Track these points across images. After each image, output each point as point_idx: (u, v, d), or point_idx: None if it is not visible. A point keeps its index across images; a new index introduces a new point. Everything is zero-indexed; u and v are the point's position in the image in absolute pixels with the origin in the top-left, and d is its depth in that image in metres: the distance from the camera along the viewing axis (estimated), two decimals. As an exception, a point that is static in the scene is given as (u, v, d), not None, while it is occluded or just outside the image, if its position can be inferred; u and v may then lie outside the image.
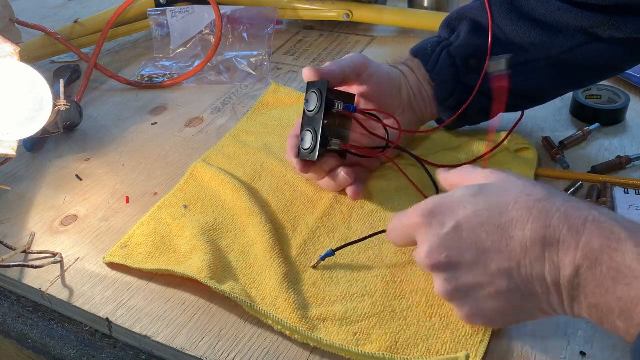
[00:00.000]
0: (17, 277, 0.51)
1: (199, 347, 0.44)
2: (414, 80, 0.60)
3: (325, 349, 0.42)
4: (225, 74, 0.83)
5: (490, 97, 0.56)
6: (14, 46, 0.58)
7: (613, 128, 0.66)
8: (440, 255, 0.38)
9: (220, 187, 0.59)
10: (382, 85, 0.57)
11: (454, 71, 0.58)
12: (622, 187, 0.55)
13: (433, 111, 0.61)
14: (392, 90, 0.58)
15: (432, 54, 0.59)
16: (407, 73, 0.60)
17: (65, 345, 0.48)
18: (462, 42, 0.58)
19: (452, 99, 0.59)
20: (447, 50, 0.59)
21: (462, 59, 0.58)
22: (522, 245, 0.35)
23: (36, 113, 0.57)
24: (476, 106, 0.59)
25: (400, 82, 0.59)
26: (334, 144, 0.53)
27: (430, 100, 0.60)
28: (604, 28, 0.55)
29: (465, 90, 0.59)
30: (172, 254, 0.52)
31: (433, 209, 0.40)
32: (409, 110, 0.60)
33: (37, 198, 0.61)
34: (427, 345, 0.42)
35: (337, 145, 0.54)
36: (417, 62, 0.61)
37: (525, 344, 0.42)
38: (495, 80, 0.52)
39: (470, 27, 0.59)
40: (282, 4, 0.93)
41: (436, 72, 0.59)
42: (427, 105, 0.61)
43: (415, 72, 0.60)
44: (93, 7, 1.13)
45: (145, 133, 0.72)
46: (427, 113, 0.61)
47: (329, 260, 0.50)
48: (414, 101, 0.60)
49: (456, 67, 0.58)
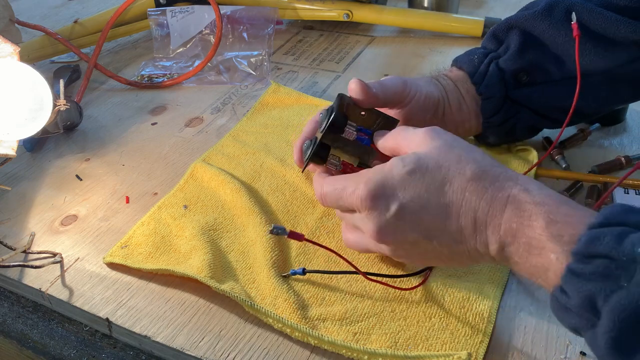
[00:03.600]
0: (17, 277, 0.51)
1: (199, 347, 0.44)
2: (455, 94, 0.57)
3: (326, 346, 0.42)
4: (225, 74, 0.83)
5: (539, 113, 0.56)
6: (14, 46, 0.58)
7: (613, 128, 0.66)
8: (387, 236, 0.42)
9: (220, 187, 0.59)
10: (416, 112, 0.54)
11: (502, 86, 0.56)
12: (622, 187, 0.55)
13: (472, 126, 0.58)
14: (426, 114, 0.55)
15: (480, 65, 0.57)
16: (449, 87, 0.57)
17: (65, 345, 0.48)
18: (512, 55, 0.56)
19: (499, 115, 0.57)
20: (496, 62, 0.56)
21: (512, 73, 0.56)
22: (457, 226, 0.40)
23: (36, 113, 0.57)
24: (524, 124, 0.58)
25: (438, 104, 0.56)
26: (331, 164, 0.49)
27: (470, 115, 0.57)
28: None
29: (512, 105, 0.57)
30: (172, 253, 0.52)
31: (375, 192, 0.41)
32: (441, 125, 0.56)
33: (37, 198, 0.61)
34: (426, 345, 0.42)
35: (334, 165, 0.49)
36: (463, 74, 0.58)
37: (525, 344, 0.42)
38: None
39: (521, 39, 0.56)
40: (282, 4, 0.93)
41: (484, 85, 0.56)
42: (466, 120, 0.58)
43: (458, 86, 0.57)
44: (93, 7, 1.13)
45: (145, 133, 0.72)
46: (464, 128, 0.58)
47: (329, 260, 0.50)
48: (450, 122, 0.57)
49: (505, 81, 0.56)
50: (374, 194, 0.41)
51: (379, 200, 0.41)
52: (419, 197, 0.40)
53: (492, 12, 0.99)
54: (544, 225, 0.36)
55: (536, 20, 0.55)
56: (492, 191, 0.39)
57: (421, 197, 0.40)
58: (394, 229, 0.42)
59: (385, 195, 0.41)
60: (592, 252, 0.32)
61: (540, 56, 0.56)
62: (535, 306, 0.45)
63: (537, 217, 0.36)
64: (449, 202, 0.40)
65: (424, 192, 0.40)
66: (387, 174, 0.41)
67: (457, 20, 0.92)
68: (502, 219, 0.38)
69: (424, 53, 0.87)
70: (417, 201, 0.40)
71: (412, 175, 0.41)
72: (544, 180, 0.58)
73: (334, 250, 0.47)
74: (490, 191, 0.39)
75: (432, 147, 0.42)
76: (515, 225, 0.37)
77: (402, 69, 0.83)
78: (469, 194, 0.39)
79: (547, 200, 0.37)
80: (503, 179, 0.39)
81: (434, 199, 0.40)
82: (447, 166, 0.40)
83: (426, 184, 0.40)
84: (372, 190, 0.41)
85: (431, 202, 0.40)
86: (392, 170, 0.41)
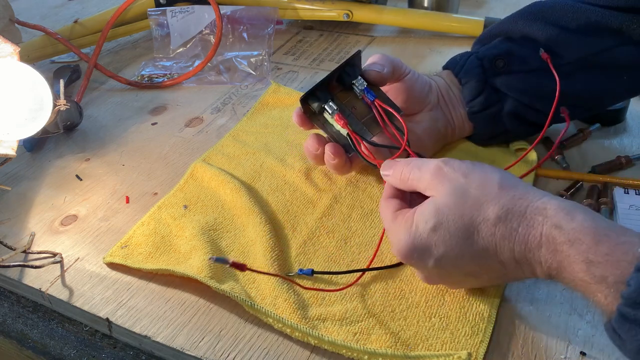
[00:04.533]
0: (17, 277, 0.51)
1: (199, 347, 0.44)
2: (444, 86, 0.61)
3: (326, 346, 0.42)
4: (225, 74, 0.83)
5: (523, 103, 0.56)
6: (14, 46, 0.58)
7: (613, 128, 0.66)
8: (435, 282, 0.46)
9: (220, 187, 0.59)
10: (413, 83, 0.57)
11: (481, 72, 0.59)
12: (622, 187, 0.55)
13: (463, 116, 0.61)
14: (422, 89, 0.58)
15: (461, 60, 0.61)
16: (438, 80, 0.61)
17: (65, 345, 0.48)
18: (490, 46, 0.60)
19: (480, 99, 0.59)
20: (475, 54, 0.60)
21: (489, 60, 0.58)
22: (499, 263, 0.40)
23: (36, 113, 0.57)
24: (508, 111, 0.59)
25: (430, 85, 0.59)
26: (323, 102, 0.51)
27: (458, 104, 0.60)
28: (633, 27, 0.54)
29: (494, 92, 0.59)
30: (172, 253, 0.52)
31: (409, 254, 0.42)
32: (438, 111, 0.60)
33: (37, 198, 0.61)
34: (426, 345, 0.42)
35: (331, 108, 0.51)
36: (448, 71, 0.62)
37: (525, 344, 0.42)
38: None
39: (500, 39, 0.60)
40: (282, 4, 0.93)
41: (463, 72, 0.60)
42: (456, 108, 0.60)
43: (445, 79, 0.61)
44: (93, 7, 1.13)
45: (145, 133, 0.72)
46: (457, 118, 0.61)
47: (329, 260, 0.50)
48: (442, 104, 0.60)
49: (483, 67, 0.59)
50: (408, 255, 0.42)
51: (414, 259, 0.42)
52: (452, 249, 0.40)
53: (492, 12, 0.99)
54: (584, 268, 0.35)
55: (512, 23, 0.59)
56: (523, 231, 0.38)
57: (454, 249, 0.40)
58: (439, 276, 0.44)
59: (419, 254, 0.42)
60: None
61: (516, 47, 0.58)
62: (535, 306, 0.45)
63: (575, 259, 0.35)
64: (483, 248, 0.40)
65: (455, 245, 0.40)
66: (415, 234, 0.41)
67: (457, 20, 0.92)
68: (541, 258, 0.37)
69: (424, 53, 0.87)
70: (452, 253, 0.40)
71: (437, 231, 0.40)
72: (544, 180, 0.58)
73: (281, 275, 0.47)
74: (521, 231, 0.38)
75: (446, 194, 0.41)
76: (555, 265, 0.37)
77: (402, 69, 0.83)
78: (500, 239, 0.39)
79: (582, 237, 0.35)
80: (530, 214, 0.38)
81: (467, 249, 0.40)
82: (469, 215, 0.40)
83: (455, 237, 0.40)
84: (405, 253, 0.42)
85: (465, 252, 0.40)
86: (418, 229, 0.41)
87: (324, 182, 0.59)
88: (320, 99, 0.52)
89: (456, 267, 0.41)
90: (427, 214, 0.41)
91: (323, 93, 0.52)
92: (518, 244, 0.38)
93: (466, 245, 0.40)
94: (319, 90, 0.52)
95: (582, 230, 0.35)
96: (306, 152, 0.56)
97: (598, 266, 0.34)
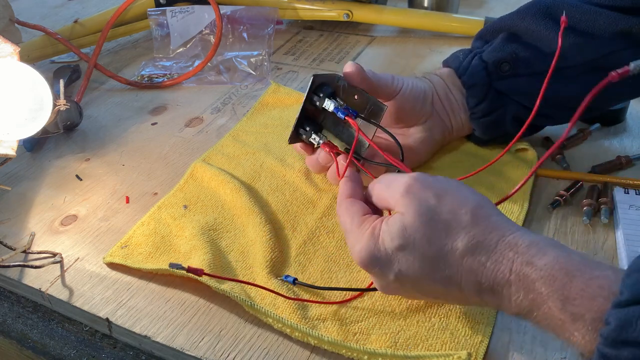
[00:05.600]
0: (17, 277, 0.51)
1: (199, 347, 0.44)
2: (443, 88, 0.59)
3: (326, 346, 0.42)
4: (225, 74, 0.83)
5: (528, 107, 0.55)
6: (14, 46, 0.58)
7: (613, 128, 0.66)
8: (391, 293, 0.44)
9: (220, 187, 0.59)
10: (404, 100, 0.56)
11: (485, 75, 0.57)
12: (622, 187, 0.55)
13: (463, 120, 0.60)
14: (415, 103, 0.57)
15: (464, 60, 0.59)
16: (437, 82, 0.59)
17: (65, 345, 0.48)
18: (494, 47, 0.58)
19: (484, 104, 0.58)
20: (480, 56, 0.58)
21: (494, 64, 0.57)
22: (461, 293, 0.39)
23: (36, 113, 0.57)
24: (512, 116, 0.58)
25: (426, 93, 0.58)
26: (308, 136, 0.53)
27: (459, 108, 0.59)
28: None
29: (498, 97, 0.58)
30: (172, 253, 0.52)
31: (369, 262, 0.41)
32: (434, 119, 0.58)
33: (37, 198, 0.61)
34: (426, 346, 0.42)
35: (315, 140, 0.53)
36: (449, 70, 0.60)
37: (525, 344, 0.42)
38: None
39: (504, 36, 0.58)
40: (282, 4, 0.93)
41: (467, 75, 0.58)
42: (456, 113, 0.59)
43: (445, 80, 0.59)
44: (93, 7, 1.13)
45: (145, 133, 0.72)
46: (457, 122, 0.60)
47: (328, 260, 0.50)
48: (441, 111, 0.59)
49: (488, 71, 0.57)
50: (369, 265, 0.41)
51: (374, 270, 0.41)
52: (414, 271, 0.39)
53: (492, 12, 0.99)
54: (560, 305, 0.33)
55: (518, 18, 0.58)
56: (491, 266, 0.36)
57: (416, 272, 0.39)
58: (396, 290, 0.42)
59: (380, 267, 0.40)
60: (625, 339, 0.30)
61: (522, 49, 0.57)
62: (535, 306, 0.45)
63: (550, 296, 0.34)
64: (447, 276, 0.38)
65: (418, 268, 0.39)
66: (380, 246, 0.40)
67: (457, 20, 0.92)
68: (511, 296, 0.36)
69: (424, 53, 0.87)
70: (414, 274, 0.39)
71: (401, 251, 0.39)
72: (544, 180, 0.58)
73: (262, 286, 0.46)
74: (489, 266, 0.37)
75: (414, 214, 0.39)
76: (526, 303, 0.35)
77: (402, 69, 0.83)
78: (467, 271, 0.37)
79: (555, 274, 0.34)
80: (501, 250, 0.37)
81: (431, 274, 0.39)
82: (437, 241, 0.38)
83: (419, 261, 0.39)
84: (366, 263, 0.41)
85: (428, 276, 0.39)
86: (384, 243, 0.40)
87: (324, 182, 0.59)
88: (306, 131, 0.54)
89: (415, 287, 0.41)
90: (394, 232, 0.39)
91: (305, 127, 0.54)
92: (485, 279, 0.37)
93: (430, 271, 0.39)
94: (299, 127, 0.54)
95: (554, 266, 0.34)
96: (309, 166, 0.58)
97: (574, 302, 0.33)
